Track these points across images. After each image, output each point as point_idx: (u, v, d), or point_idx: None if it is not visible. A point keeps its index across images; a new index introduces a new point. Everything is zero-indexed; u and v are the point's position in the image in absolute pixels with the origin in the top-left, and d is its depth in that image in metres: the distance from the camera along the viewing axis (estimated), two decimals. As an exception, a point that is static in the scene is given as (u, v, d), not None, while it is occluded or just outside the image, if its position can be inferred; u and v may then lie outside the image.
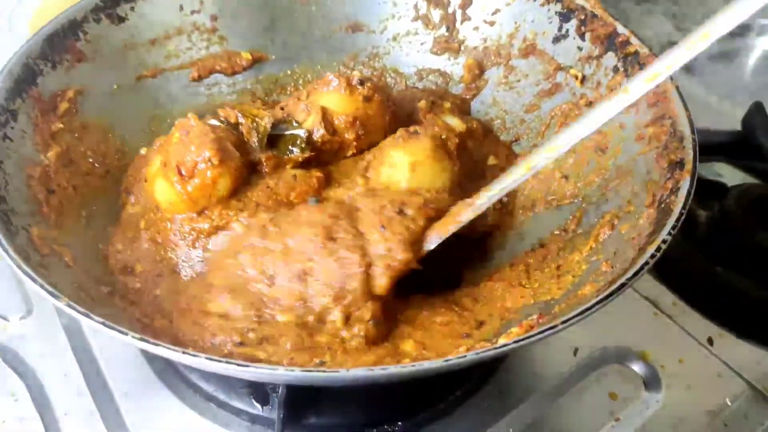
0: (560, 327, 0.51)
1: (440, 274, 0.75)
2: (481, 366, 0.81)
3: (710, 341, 0.86)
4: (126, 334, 0.48)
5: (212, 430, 0.76)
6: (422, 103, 0.87)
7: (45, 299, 0.87)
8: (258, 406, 0.76)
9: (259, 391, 0.76)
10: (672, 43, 0.80)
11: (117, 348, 0.84)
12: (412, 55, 1.01)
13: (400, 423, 0.75)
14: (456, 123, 0.85)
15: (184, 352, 0.47)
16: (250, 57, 0.97)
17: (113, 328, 0.48)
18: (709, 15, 0.56)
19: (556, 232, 0.78)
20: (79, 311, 0.50)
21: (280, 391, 0.72)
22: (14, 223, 0.61)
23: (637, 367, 0.85)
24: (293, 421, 0.74)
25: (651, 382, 0.83)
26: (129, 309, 0.64)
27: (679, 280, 0.93)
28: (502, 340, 0.57)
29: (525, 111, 0.93)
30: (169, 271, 0.71)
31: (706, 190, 1.00)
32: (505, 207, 0.84)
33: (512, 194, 0.84)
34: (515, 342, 0.50)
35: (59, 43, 0.80)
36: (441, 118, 0.84)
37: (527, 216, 0.84)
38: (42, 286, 0.51)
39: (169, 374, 0.80)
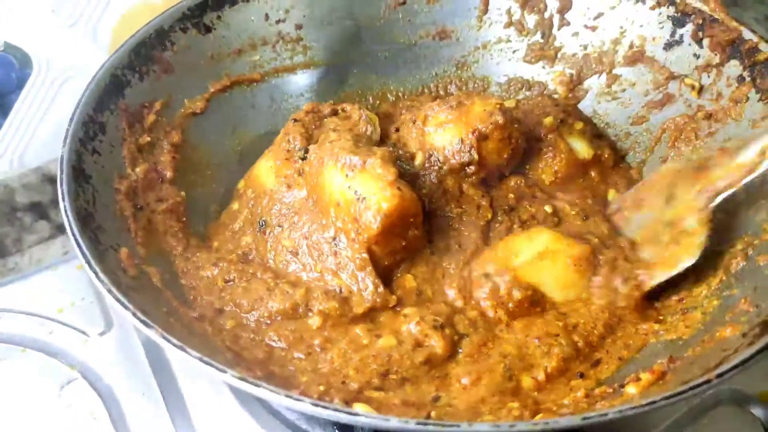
0: (715, 381, 0.44)
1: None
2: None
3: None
4: (225, 372, 0.44)
5: (293, 460, 0.72)
6: (548, 120, 0.81)
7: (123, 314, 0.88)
8: (338, 433, 0.72)
9: (344, 425, 0.72)
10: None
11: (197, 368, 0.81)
12: (503, 63, 0.95)
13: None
14: (582, 148, 0.79)
15: (287, 395, 0.42)
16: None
17: (210, 365, 0.45)
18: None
19: (675, 260, 0.71)
20: (174, 344, 0.46)
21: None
22: (102, 242, 0.59)
23: (756, 410, 0.76)
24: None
25: (774, 425, 0.74)
26: (220, 335, 0.60)
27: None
28: (631, 388, 0.50)
29: (631, 123, 0.86)
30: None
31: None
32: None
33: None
34: (664, 399, 0.43)
35: (146, 53, 0.78)
36: (566, 140, 0.77)
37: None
38: (134, 315, 0.48)
39: (250, 399, 0.76)
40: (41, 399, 0.80)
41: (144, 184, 0.71)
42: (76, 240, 0.54)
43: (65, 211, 0.57)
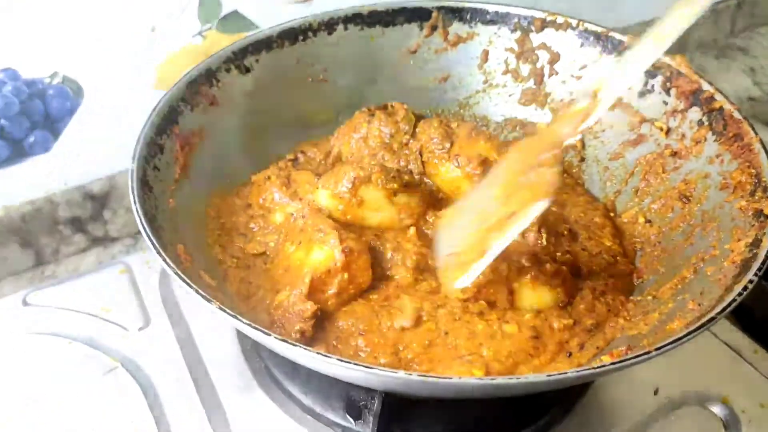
0: (654, 353, 0.55)
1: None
2: (562, 401, 0.85)
3: (793, 389, 0.88)
4: (269, 335, 0.56)
5: (307, 438, 0.83)
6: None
7: (161, 313, 0.99)
8: (351, 420, 0.82)
9: (354, 407, 0.82)
10: (751, 99, 0.84)
11: (224, 358, 0.92)
12: (500, 105, 1.09)
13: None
14: None
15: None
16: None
17: (256, 329, 0.56)
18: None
19: (643, 272, 0.83)
20: (229, 314, 0.58)
21: (375, 407, 0.79)
22: (163, 239, 0.71)
23: (717, 410, 0.87)
24: (383, 435, 0.80)
25: (731, 424, 0.85)
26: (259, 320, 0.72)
27: (761, 330, 0.95)
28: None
29: (609, 159, 0.98)
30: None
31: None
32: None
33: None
34: (612, 364, 0.55)
35: (197, 88, 0.91)
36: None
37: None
38: (197, 292, 0.60)
39: (272, 388, 0.88)
40: (85, 384, 0.90)
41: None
42: (147, 234, 0.67)
43: (137, 212, 0.69)
